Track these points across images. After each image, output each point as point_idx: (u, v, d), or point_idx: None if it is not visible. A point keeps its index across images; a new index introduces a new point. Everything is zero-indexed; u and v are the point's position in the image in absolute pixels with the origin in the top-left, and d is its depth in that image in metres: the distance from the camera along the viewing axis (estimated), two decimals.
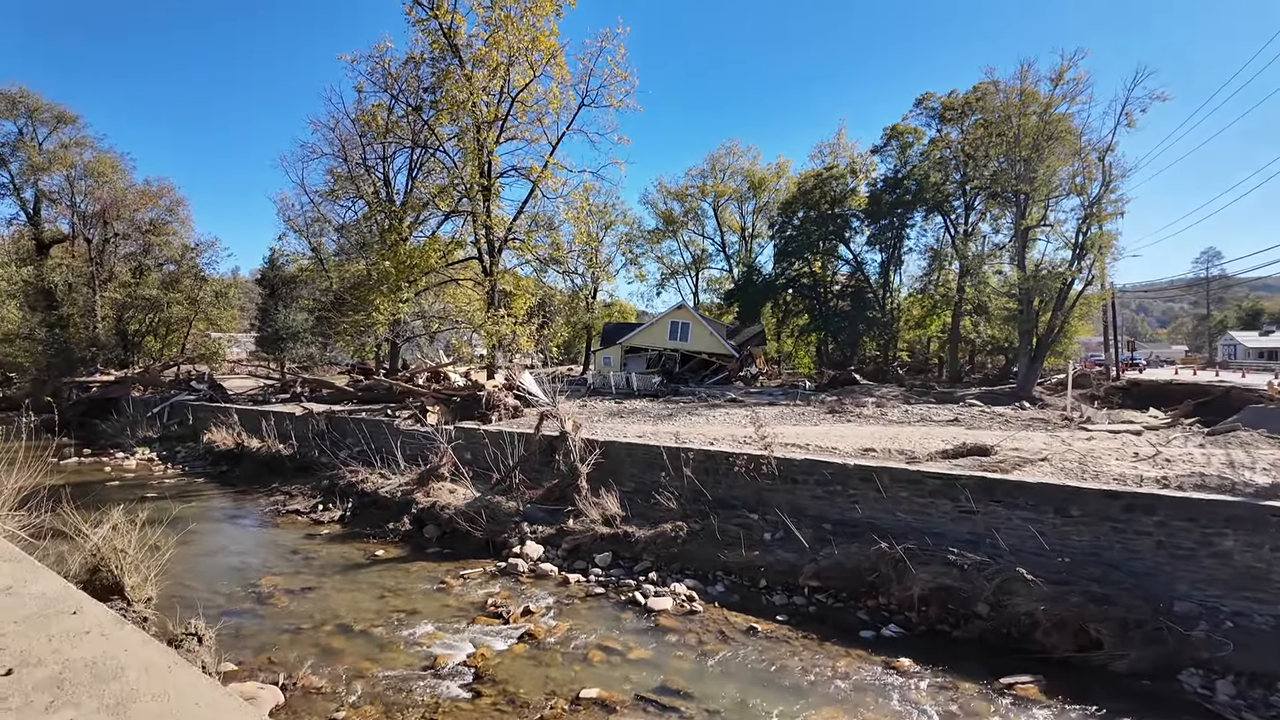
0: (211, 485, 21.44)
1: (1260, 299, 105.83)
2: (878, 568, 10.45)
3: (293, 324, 36.77)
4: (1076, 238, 31.60)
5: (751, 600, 11.03)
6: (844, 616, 10.40)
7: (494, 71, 22.62)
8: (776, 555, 11.40)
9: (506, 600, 11.31)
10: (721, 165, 55.30)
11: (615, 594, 11.45)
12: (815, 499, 12.35)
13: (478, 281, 28.47)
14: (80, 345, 37.34)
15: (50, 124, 41.12)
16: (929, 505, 11.23)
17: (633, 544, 12.71)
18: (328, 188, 36.00)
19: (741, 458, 12.98)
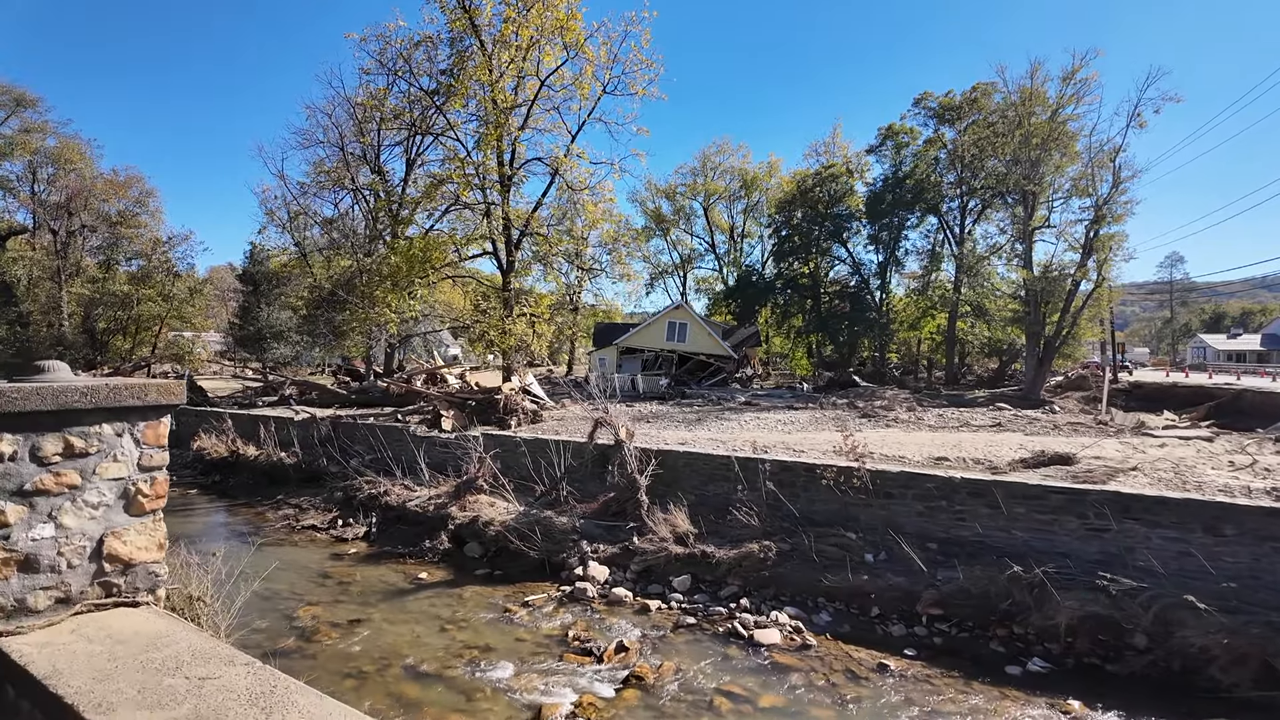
0: (206, 497, 19.75)
1: (1220, 302, 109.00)
2: (1011, 594, 9.48)
3: (276, 323, 34.78)
4: (1085, 239, 31.40)
5: (865, 631, 9.98)
6: (976, 648, 9.42)
7: (522, 51, 21.25)
8: (887, 580, 10.38)
9: (587, 632, 10.10)
10: (712, 163, 54.49)
11: (709, 624, 10.31)
12: (916, 516, 11.37)
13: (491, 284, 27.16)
14: (43, 344, 34.81)
15: (9, 107, 38.36)
16: (1052, 522, 10.32)
17: (714, 566, 11.58)
18: (311, 179, 34.11)
19: (831, 470, 11.94)
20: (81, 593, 2.25)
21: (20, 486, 2.15)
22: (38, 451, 2.18)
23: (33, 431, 2.16)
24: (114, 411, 2.33)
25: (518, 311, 22.71)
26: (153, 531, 2.43)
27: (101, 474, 2.31)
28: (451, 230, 24.86)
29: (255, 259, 37.42)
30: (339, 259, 33.44)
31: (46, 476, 2.19)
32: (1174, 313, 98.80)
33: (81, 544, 2.27)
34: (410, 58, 23.32)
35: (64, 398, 2.17)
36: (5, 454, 2.12)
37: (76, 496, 2.25)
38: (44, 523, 2.19)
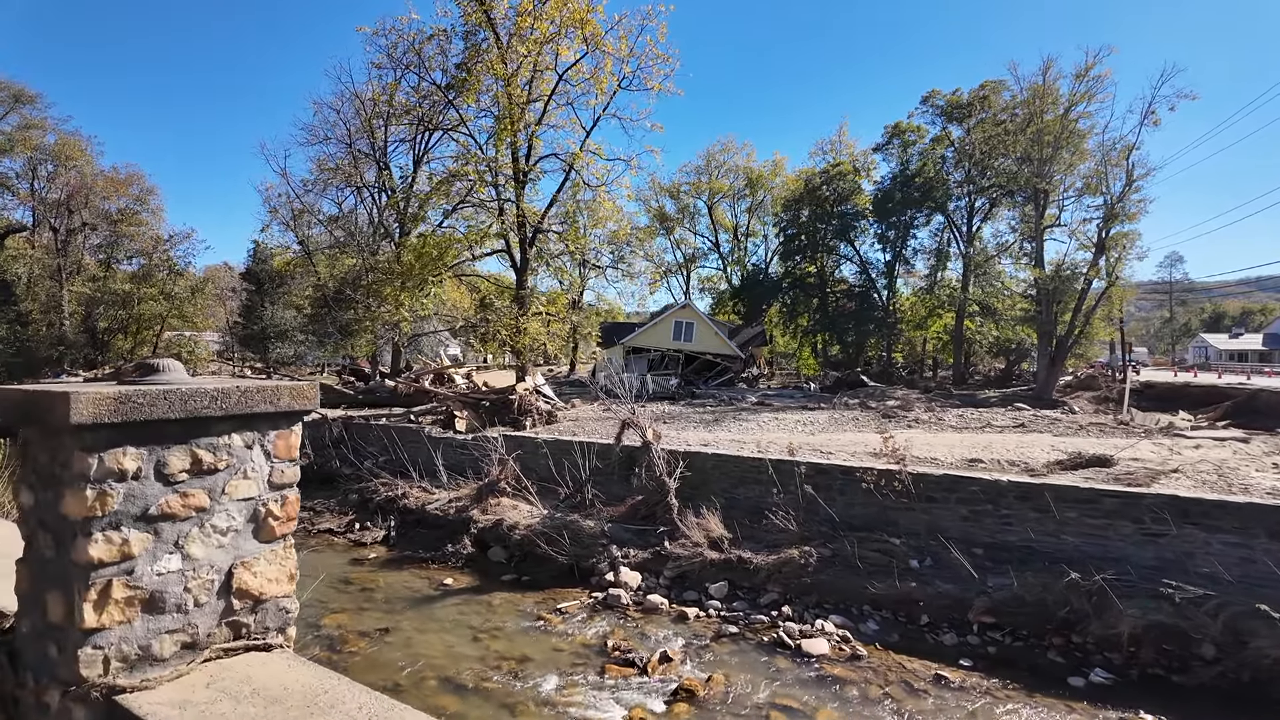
0: None
1: (1219, 302, 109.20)
2: (1069, 601, 9.16)
3: (280, 322, 34.33)
4: (1098, 237, 31.15)
5: (916, 640, 9.65)
6: (1033, 658, 9.09)
7: (539, 45, 20.85)
8: (935, 587, 10.05)
9: (626, 642, 9.76)
10: (717, 162, 54.14)
11: (752, 634, 9.97)
12: (960, 520, 11.04)
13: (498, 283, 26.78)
14: (44, 344, 34.27)
15: (7, 103, 37.79)
16: (1106, 527, 10.00)
17: (752, 572, 11.24)
18: (315, 176, 33.70)
19: (871, 473, 11.60)
20: (209, 636, 1.90)
21: (145, 510, 1.80)
22: (163, 468, 1.83)
23: (158, 444, 1.81)
24: (244, 419, 1.98)
25: (532, 310, 22.34)
26: (283, 560, 2.08)
27: (231, 493, 1.96)
28: (469, 228, 24.44)
29: (259, 257, 36.95)
30: (344, 257, 33.03)
31: (173, 498, 1.84)
32: (1173, 312, 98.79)
33: (210, 577, 1.92)
34: (421, 51, 22.97)
35: (193, 403, 1.82)
36: (129, 471, 1.76)
37: (204, 521, 1.90)
38: (170, 553, 1.84)
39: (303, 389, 2.08)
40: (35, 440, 1.84)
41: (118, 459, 1.74)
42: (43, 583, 1.82)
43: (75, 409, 1.61)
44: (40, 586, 1.83)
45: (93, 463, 1.70)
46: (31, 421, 1.79)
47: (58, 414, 1.64)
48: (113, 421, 1.69)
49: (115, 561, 1.74)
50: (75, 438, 1.68)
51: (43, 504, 1.82)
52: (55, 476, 1.76)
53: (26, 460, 1.88)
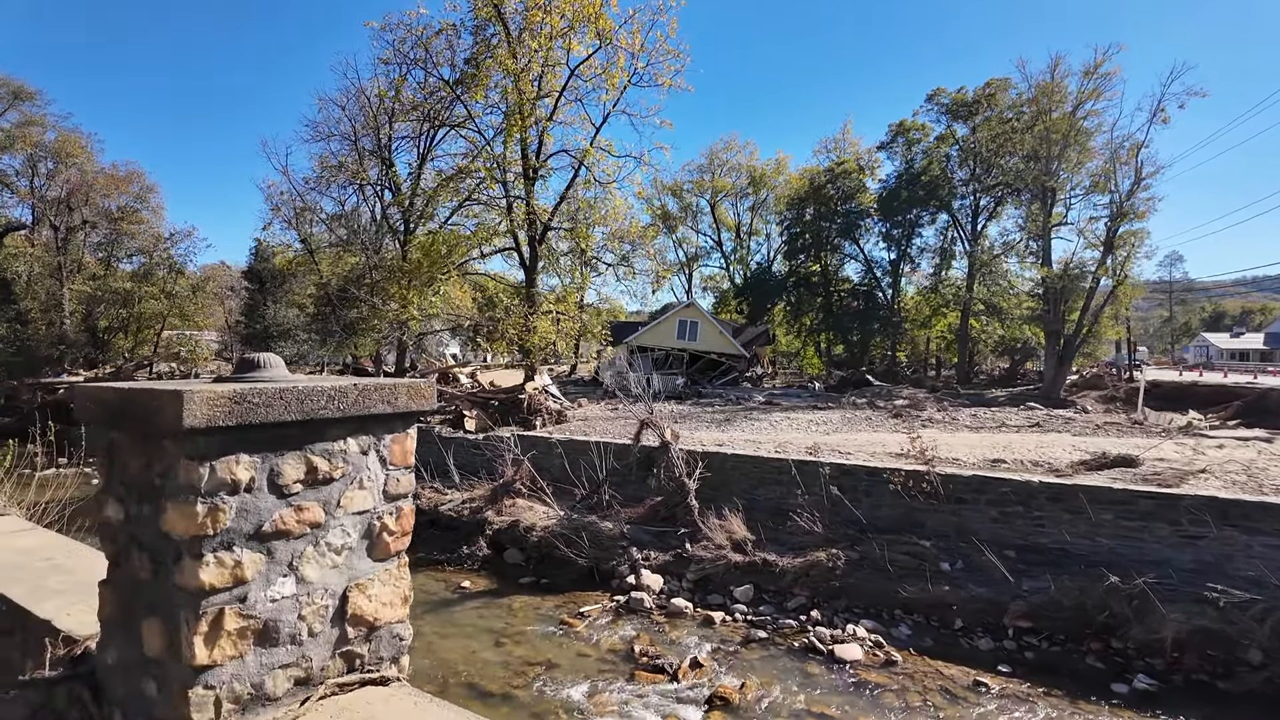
0: None
1: (1218, 302, 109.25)
2: (1108, 606, 8.95)
3: (283, 321, 34.02)
4: (1106, 235, 30.97)
5: (950, 645, 9.44)
6: (1072, 664, 8.88)
7: (549, 40, 20.57)
8: (968, 590, 9.84)
9: (653, 647, 9.53)
10: (720, 160, 53.88)
11: (781, 639, 9.75)
12: (990, 522, 10.83)
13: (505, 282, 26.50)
14: (44, 343, 33.91)
15: (6, 100, 37.42)
16: (1141, 529, 9.80)
17: (777, 575, 11.02)
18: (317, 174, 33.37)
19: (898, 474, 11.39)
20: (322, 670, 1.67)
21: (258, 527, 1.57)
22: (277, 478, 1.60)
23: (271, 451, 1.58)
24: (360, 422, 1.74)
25: (543, 308, 22.09)
26: (397, 581, 1.85)
27: (346, 506, 1.73)
28: (479, 225, 24.15)
29: (261, 255, 36.62)
30: (347, 256, 32.73)
31: (287, 512, 1.61)
32: (1172, 312, 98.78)
33: (324, 603, 1.69)
34: (430, 46, 22.68)
35: (309, 403, 1.59)
36: (243, 482, 1.53)
37: (319, 538, 1.67)
38: (284, 576, 1.61)
39: (420, 387, 1.85)
40: (126, 446, 1.60)
41: (230, 468, 1.51)
42: (136, 609, 1.59)
43: (189, 411, 1.38)
44: (132, 613, 1.60)
45: (204, 473, 1.47)
46: (126, 424, 1.56)
47: (165, 416, 1.41)
48: (226, 425, 1.46)
49: (227, 587, 1.51)
50: (184, 444, 1.45)
51: (136, 519, 1.59)
52: (154, 488, 1.53)
53: (113, 468, 1.65)
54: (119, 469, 1.64)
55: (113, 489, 1.65)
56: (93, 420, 1.63)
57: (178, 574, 1.48)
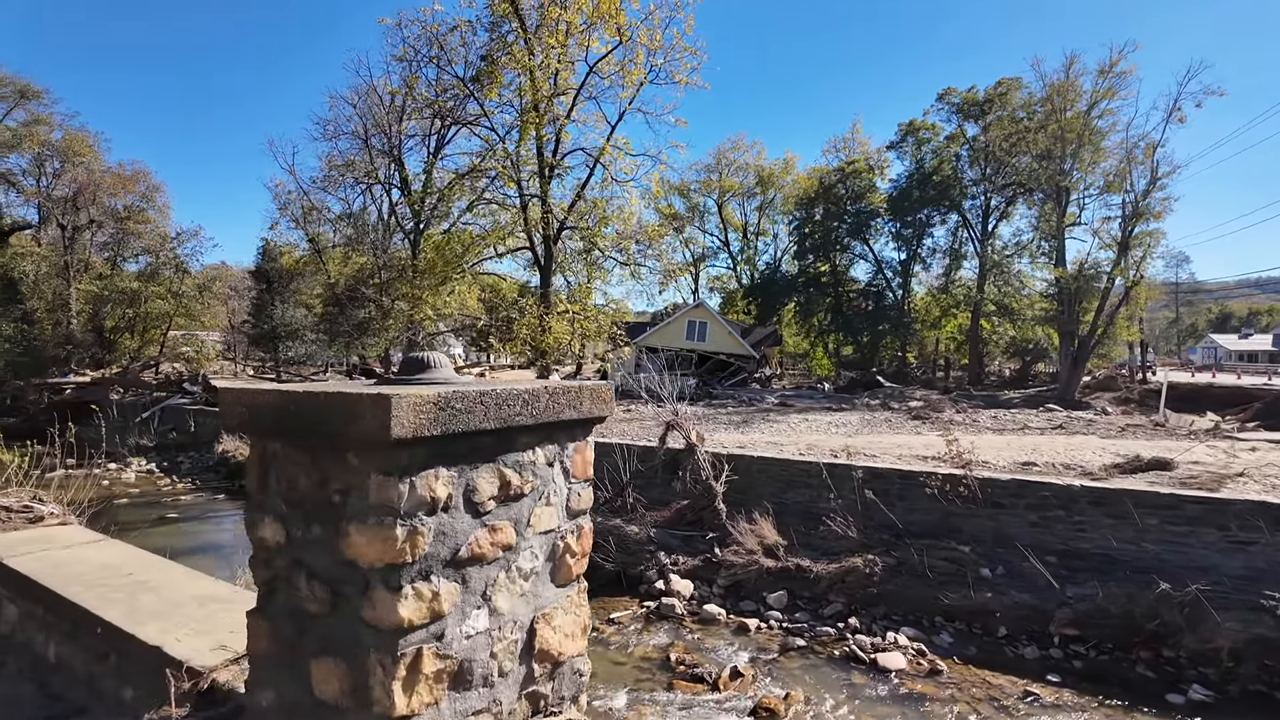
0: (235, 503, 18.97)
1: (1225, 303, 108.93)
2: (1159, 613, 8.72)
3: (290, 321, 33.83)
4: (1122, 235, 30.76)
5: (994, 654, 9.22)
6: (1121, 673, 8.66)
7: (564, 37, 20.35)
8: (1011, 597, 9.62)
9: (690, 655, 9.31)
10: (727, 160, 53.70)
11: (820, 647, 9.53)
12: (1029, 526, 10.60)
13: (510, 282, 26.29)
14: (50, 343, 33.72)
15: (12, 99, 37.26)
16: (1188, 534, 9.57)
17: (812, 581, 10.79)
18: (324, 173, 33.25)
19: (934, 478, 11.17)
20: (510, 714, 1.46)
21: (455, 552, 1.35)
22: (472, 495, 1.39)
23: (466, 463, 1.37)
24: (547, 429, 1.53)
25: (560, 309, 21.86)
26: (578, 609, 1.64)
27: (535, 525, 1.52)
28: (494, 225, 23.93)
29: (268, 255, 36.41)
30: (356, 255, 32.55)
31: (481, 534, 1.40)
32: (1179, 313, 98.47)
33: (514, 637, 1.48)
34: (445, 43, 22.48)
35: (506, 409, 1.38)
36: (441, 500, 1.32)
37: (510, 563, 1.46)
38: (477, 608, 1.40)
39: (602, 390, 1.64)
40: (290, 457, 1.39)
41: (430, 485, 1.30)
42: (302, 646, 1.38)
43: (397, 419, 1.17)
44: (297, 650, 1.38)
45: (403, 490, 1.26)
46: (295, 433, 1.35)
47: (363, 425, 1.20)
48: (430, 435, 1.25)
49: (425, 623, 1.30)
50: (380, 457, 1.24)
51: (303, 542, 1.38)
52: (331, 506, 1.32)
53: (269, 482, 1.44)
54: (279, 484, 1.43)
55: (269, 506, 1.44)
56: (244, 428, 1.42)
57: (366, 607, 1.27)
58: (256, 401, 1.40)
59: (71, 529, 3.33)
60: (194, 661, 1.73)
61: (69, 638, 2.30)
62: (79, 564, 2.64)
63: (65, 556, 2.71)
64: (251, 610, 1.48)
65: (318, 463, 1.34)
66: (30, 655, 2.51)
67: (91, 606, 2.18)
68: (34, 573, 2.49)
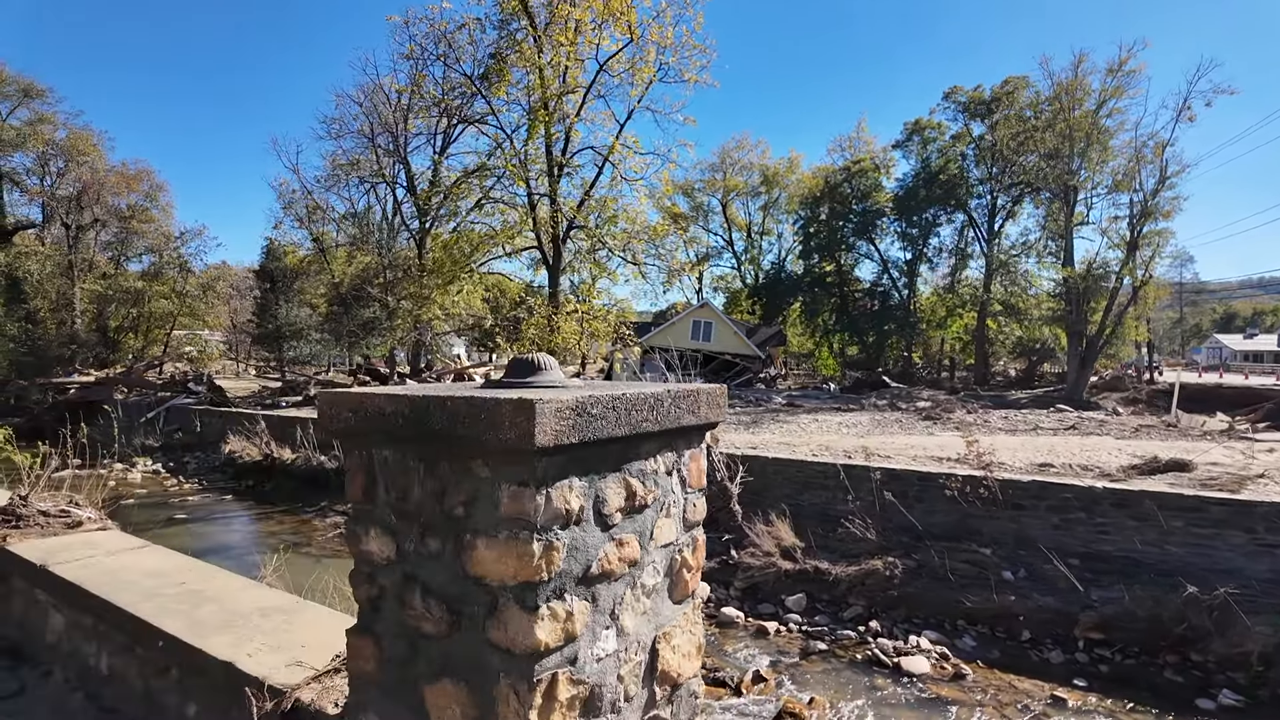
0: (244, 504, 18.89)
1: (1230, 303, 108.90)
2: (1186, 617, 8.62)
3: (295, 320, 33.76)
4: (1130, 235, 30.66)
5: (1018, 658, 9.12)
6: (1149, 677, 8.56)
7: (576, 34, 20.24)
8: (1035, 600, 9.52)
9: (710, 659, 9.20)
10: (732, 159, 53.58)
11: (842, 650, 9.44)
12: (1051, 529, 10.51)
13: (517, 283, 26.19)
14: (54, 342, 33.65)
15: (16, 98, 37.18)
16: (1214, 537, 9.47)
17: (830, 584, 10.70)
18: (328, 173, 33.16)
19: (954, 479, 11.07)
20: None
21: (586, 568, 1.26)
22: (601, 506, 1.29)
23: (596, 473, 1.28)
24: (667, 436, 1.44)
25: (568, 308, 21.75)
26: (693, 627, 1.55)
27: (657, 538, 1.43)
28: (503, 224, 23.83)
29: (272, 254, 36.34)
30: (360, 255, 32.47)
31: (610, 548, 1.31)
32: (1182, 313, 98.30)
33: (639, 659, 1.38)
34: (453, 41, 22.39)
35: (635, 414, 1.28)
36: (574, 512, 1.23)
37: (636, 579, 1.37)
38: (606, 628, 1.30)
39: (717, 394, 1.55)
40: (403, 465, 1.29)
41: (565, 496, 1.20)
42: (413, 668, 1.28)
43: (541, 426, 1.08)
44: (406, 673, 1.29)
45: (540, 503, 1.16)
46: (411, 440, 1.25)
47: (506, 432, 1.11)
48: (569, 442, 1.15)
49: (559, 646, 1.20)
50: (518, 466, 1.14)
51: (417, 556, 1.28)
52: (452, 519, 1.23)
53: (379, 491, 1.34)
54: (388, 494, 1.33)
55: (376, 518, 1.35)
56: (348, 434, 1.33)
57: (494, 628, 1.18)
58: (366, 405, 1.31)
59: (111, 534, 3.23)
60: (273, 679, 1.64)
61: (124, 649, 2.20)
62: (127, 571, 2.54)
63: (112, 564, 2.62)
64: (353, 628, 1.39)
65: (435, 472, 1.25)
66: (79, 665, 2.42)
67: (149, 618, 2.09)
68: (83, 581, 2.40)
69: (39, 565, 2.66)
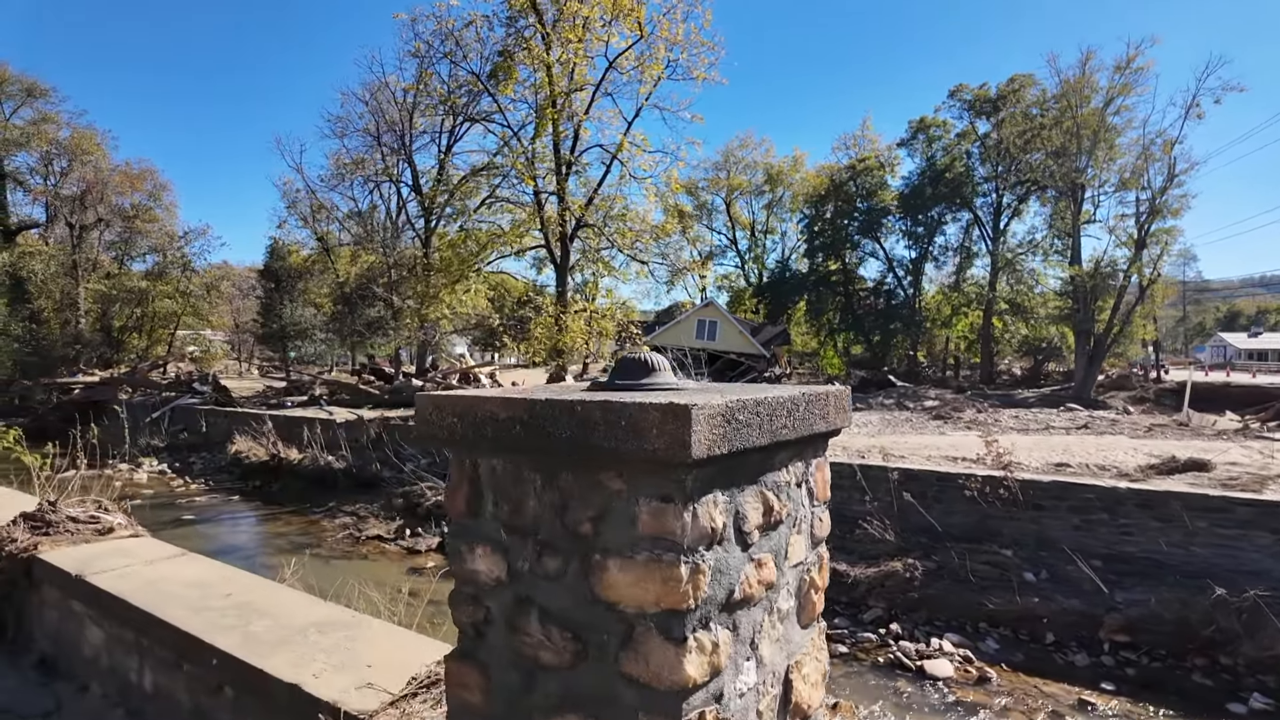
0: (250, 505, 18.77)
1: (1231, 302, 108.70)
2: (1215, 619, 8.49)
3: (300, 320, 33.64)
4: (1138, 233, 30.49)
5: (1043, 661, 8.99)
6: (1177, 681, 8.43)
7: (585, 31, 20.10)
8: (1058, 602, 9.39)
9: None
10: (736, 158, 53.45)
11: (863, 654, 9.31)
12: (1072, 530, 10.38)
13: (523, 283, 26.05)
14: (58, 342, 33.54)
15: (19, 97, 37.09)
16: (1240, 538, 9.34)
17: (849, 586, 10.57)
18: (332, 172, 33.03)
19: (974, 479, 10.94)
20: None
21: (729, 593, 1.14)
22: (742, 524, 1.17)
23: (735, 486, 1.16)
24: (798, 444, 1.32)
25: (576, 307, 21.62)
26: (820, 652, 1.43)
27: (790, 557, 1.31)
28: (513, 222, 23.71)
29: (276, 254, 36.22)
30: (365, 254, 32.37)
31: (750, 570, 1.19)
32: (1186, 311, 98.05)
33: (774, 691, 1.26)
34: (460, 39, 22.27)
35: (775, 420, 1.16)
36: (718, 530, 1.11)
37: (773, 603, 1.25)
38: (746, 659, 1.18)
39: (843, 396, 1.42)
40: (515, 474, 1.17)
41: (710, 513, 1.08)
42: (529, 701, 1.16)
43: (697, 435, 0.96)
44: (520, 707, 1.17)
45: (687, 520, 1.04)
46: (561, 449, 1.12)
47: (654, 441, 0.98)
48: (720, 453, 1.03)
49: (704, 681, 1.08)
50: (662, 478, 1.02)
51: (535, 577, 1.16)
52: (577, 535, 1.11)
53: (486, 504, 1.22)
54: (497, 507, 1.21)
55: (483, 534, 1.23)
56: (454, 441, 1.21)
57: (630, 661, 1.06)
58: (475, 410, 1.18)
59: (145, 541, 3.12)
60: (347, 704, 1.52)
61: (170, 665, 2.09)
62: (167, 582, 2.42)
63: (151, 574, 2.50)
64: (453, 654, 1.27)
65: (555, 483, 1.13)
66: (119, 681, 2.30)
67: (201, 634, 1.97)
68: (124, 593, 2.28)
69: (75, 575, 2.54)
